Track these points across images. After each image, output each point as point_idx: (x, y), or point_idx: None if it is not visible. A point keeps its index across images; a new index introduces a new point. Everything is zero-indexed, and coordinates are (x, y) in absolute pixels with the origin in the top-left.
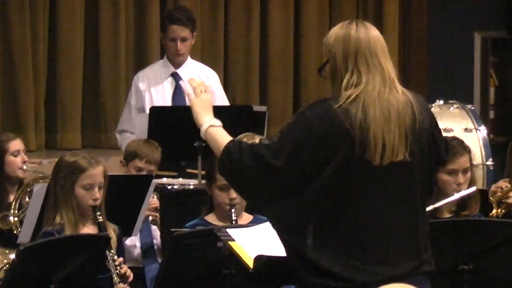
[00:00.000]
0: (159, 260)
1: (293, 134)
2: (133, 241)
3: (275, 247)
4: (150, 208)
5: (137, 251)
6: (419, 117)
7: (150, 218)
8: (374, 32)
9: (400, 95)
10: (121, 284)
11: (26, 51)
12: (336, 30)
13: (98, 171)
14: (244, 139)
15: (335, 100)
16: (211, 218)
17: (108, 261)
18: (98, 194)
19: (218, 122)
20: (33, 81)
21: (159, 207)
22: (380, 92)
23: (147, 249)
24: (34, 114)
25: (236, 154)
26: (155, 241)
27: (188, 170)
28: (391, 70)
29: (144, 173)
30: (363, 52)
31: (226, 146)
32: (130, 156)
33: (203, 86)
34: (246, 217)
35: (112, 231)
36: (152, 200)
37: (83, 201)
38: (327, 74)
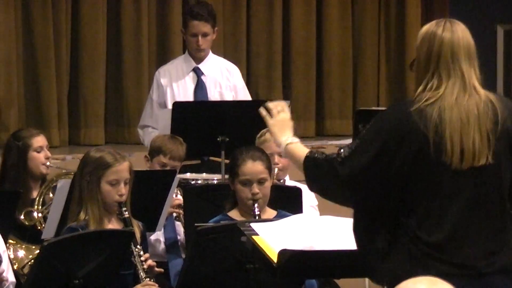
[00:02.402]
0: (183, 256)
1: (370, 141)
2: (158, 236)
3: (299, 241)
4: (174, 205)
5: (162, 246)
6: (501, 116)
7: (174, 214)
8: (461, 33)
9: (482, 98)
10: (148, 280)
11: (49, 47)
12: (425, 29)
13: (124, 166)
14: (267, 133)
15: (411, 102)
16: (234, 214)
17: (134, 257)
18: (124, 189)
19: (295, 139)
20: (56, 77)
21: (182, 204)
22: (459, 98)
23: (171, 244)
24: (57, 110)
25: (312, 171)
26: (179, 237)
27: (211, 158)
28: (472, 75)
29: (168, 168)
30: (445, 56)
31: (303, 164)
32: (154, 151)
33: (280, 106)
34: (270, 213)
35: (136, 227)
36: (176, 197)
37: (109, 197)
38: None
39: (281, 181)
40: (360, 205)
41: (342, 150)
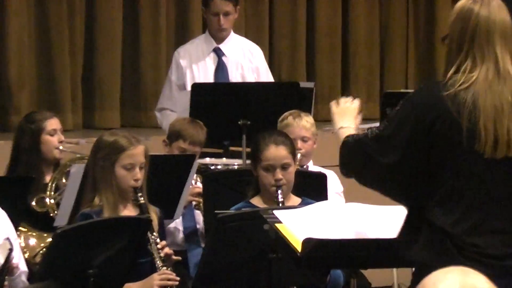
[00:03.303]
0: (203, 245)
1: (400, 125)
2: (177, 225)
3: (324, 229)
4: (193, 193)
5: (181, 235)
6: None
7: (194, 203)
8: (497, 10)
9: None
10: (165, 269)
11: (62, 26)
12: (461, 5)
13: (139, 150)
14: (290, 117)
15: (444, 85)
16: (256, 201)
17: (150, 245)
18: (139, 174)
19: (351, 125)
20: (69, 57)
21: (202, 191)
22: (493, 84)
23: (190, 233)
24: (71, 92)
25: (346, 154)
26: (198, 226)
27: (232, 148)
28: (506, 59)
29: (188, 153)
30: (480, 36)
31: (340, 146)
32: (174, 136)
33: (351, 100)
34: (294, 200)
35: (153, 213)
36: (195, 185)
37: (123, 182)
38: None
39: (304, 166)
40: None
41: (369, 131)
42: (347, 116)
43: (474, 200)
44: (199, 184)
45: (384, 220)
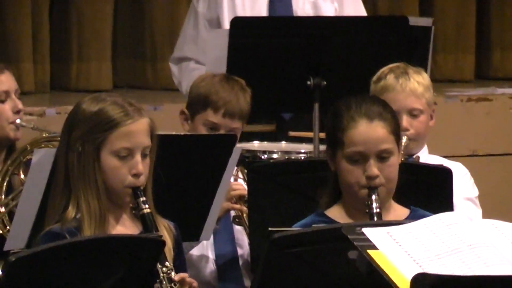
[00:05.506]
0: (247, 284)
1: None
2: (204, 251)
3: (448, 260)
4: (232, 197)
5: (211, 266)
6: None
7: (233, 213)
8: None
9: None
10: None
11: None
12: None
13: (140, 126)
14: (390, 75)
15: None
16: (335, 213)
17: (161, 281)
18: (141, 166)
19: None
20: None
21: (246, 195)
22: None
23: (227, 264)
24: (33, 33)
25: None
26: (240, 252)
27: (291, 134)
28: None
29: (222, 132)
30: None
31: None
32: (198, 103)
33: None
34: (398, 211)
35: (165, 230)
36: (235, 183)
37: (115, 178)
38: None
39: (414, 157)
40: None
41: None
42: None
43: None
44: (241, 183)
45: None
